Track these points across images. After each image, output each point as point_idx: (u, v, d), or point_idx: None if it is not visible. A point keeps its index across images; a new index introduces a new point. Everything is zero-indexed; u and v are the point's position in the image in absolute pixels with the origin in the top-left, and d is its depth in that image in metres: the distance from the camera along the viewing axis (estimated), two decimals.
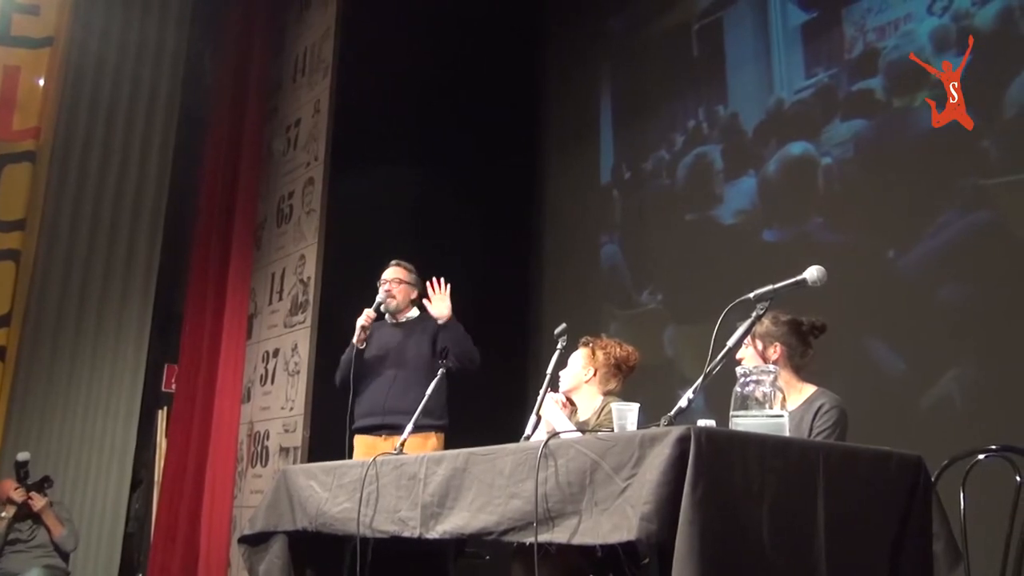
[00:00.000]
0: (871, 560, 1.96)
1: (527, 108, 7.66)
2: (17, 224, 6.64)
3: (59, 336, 6.71)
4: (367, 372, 3.97)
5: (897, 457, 2.08)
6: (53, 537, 5.56)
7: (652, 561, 1.82)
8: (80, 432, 6.64)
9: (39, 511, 5.53)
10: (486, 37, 7.11)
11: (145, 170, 7.21)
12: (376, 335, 4.01)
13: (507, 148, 7.37)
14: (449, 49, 6.88)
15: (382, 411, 3.81)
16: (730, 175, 5.43)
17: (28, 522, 5.55)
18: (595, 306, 6.70)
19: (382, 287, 4.05)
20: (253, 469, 6.62)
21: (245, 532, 3.33)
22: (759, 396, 2.18)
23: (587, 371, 3.31)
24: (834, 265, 2.41)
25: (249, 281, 7.23)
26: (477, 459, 2.31)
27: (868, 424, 3.48)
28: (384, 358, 3.96)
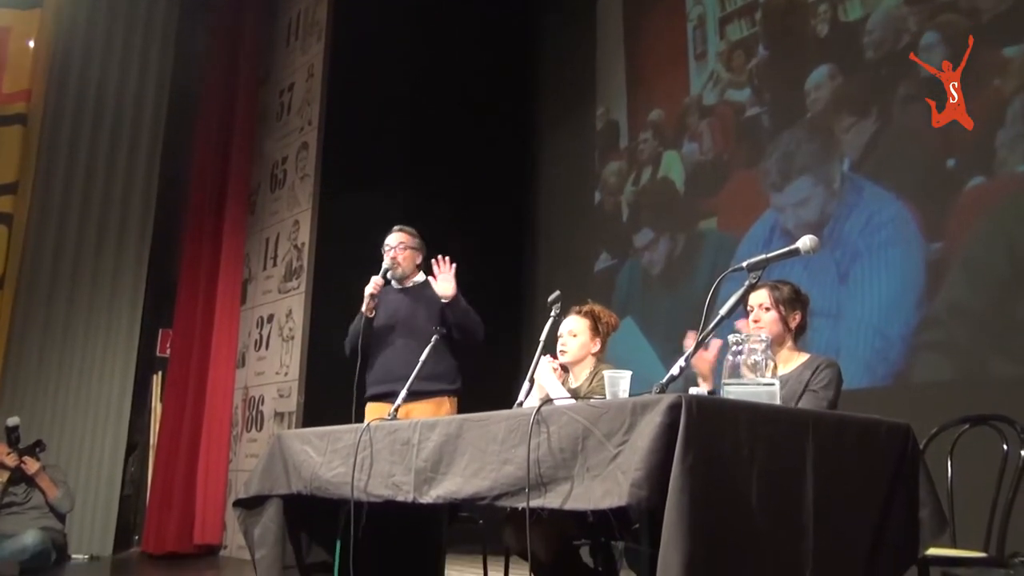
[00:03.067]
0: (859, 526, 1.99)
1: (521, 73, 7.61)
2: (9, 188, 6.59)
3: (53, 300, 6.70)
4: (376, 340, 3.93)
5: (886, 425, 2.10)
6: (48, 499, 5.61)
7: (643, 526, 1.83)
8: (75, 396, 6.65)
9: (33, 475, 5.57)
10: (480, 1, 7.05)
11: (138, 134, 7.15)
12: (383, 302, 3.95)
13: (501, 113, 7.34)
14: (443, 12, 6.81)
15: (394, 378, 3.75)
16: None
17: (23, 485, 5.59)
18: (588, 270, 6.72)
19: (387, 253, 4.00)
20: (248, 433, 6.66)
21: (240, 496, 3.35)
22: (751, 364, 2.20)
23: (595, 343, 3.32)
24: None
25: (243, 246, 7.21)
26: (470, 425, 2.32)
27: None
28: (393, 326, 3.91)
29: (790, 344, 2.85)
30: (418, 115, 6.75)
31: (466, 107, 6.95)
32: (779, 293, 2.83)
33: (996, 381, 4.10)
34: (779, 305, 2.82)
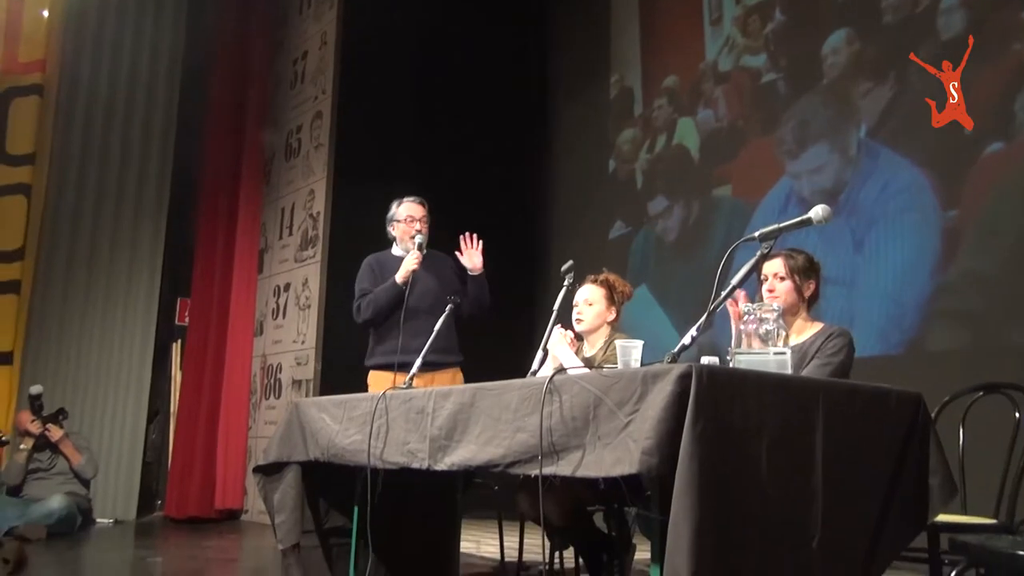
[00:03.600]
0: (868, 494, 2.01)
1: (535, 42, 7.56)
2: (27, 158, 6.64)
3: (72, 270, 6.77)
4: (410, 309, 3.86)
5: (896, 394, 2.11)
6: (72, 466, 5.73)
7: (654, 494, 1.86)
8: (96, 365, 6.75)
9: (57, 441, 5.69)
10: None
11: (152, 105, 7.17)
12: (390, 272, 3.91)
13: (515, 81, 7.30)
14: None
15: (409, 350, 3.75)
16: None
17: (47, 452, 5.72)
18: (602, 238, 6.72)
19: (411, 224, 3.94)
20: (267, 401, 6.75)
21: (259, 462, 3.42)
22: (762, 334, 2.21)
23: (610, 312, 3.34)
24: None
25: (259, 216, 7.25)
26: (484, 394, 2.35)
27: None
28: (408, 296, 3.85)
29: (804, 314, 2.85)
30: (431, 83, 6.74)
31: (479, 76, 6.92)
32: (794, 262, 2.83)
33: (1010, 349, 4.09)
34: (794, 274, 2.82)
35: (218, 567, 4.47)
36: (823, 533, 1.88)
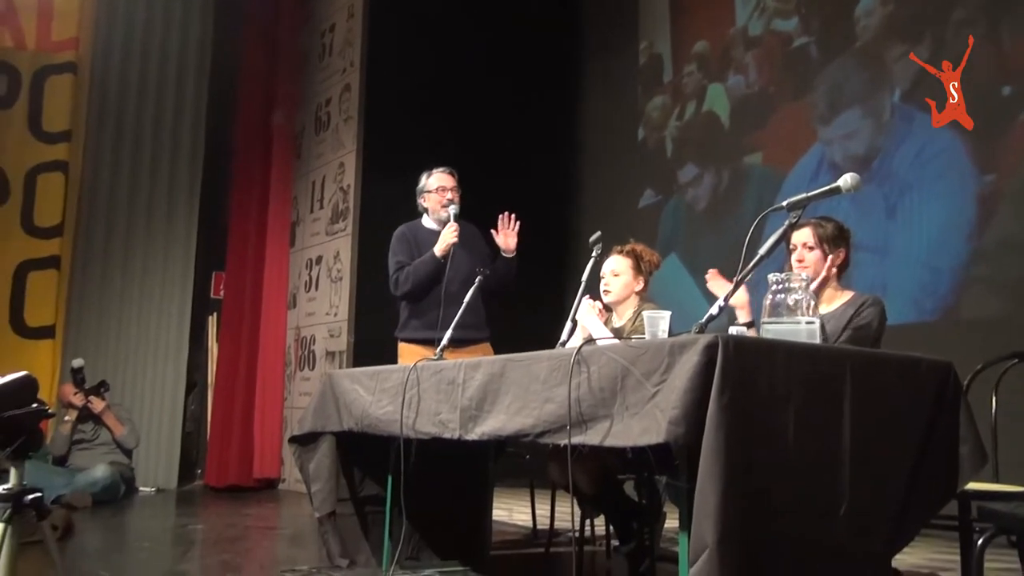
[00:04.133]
0: (896, 462, 2.01)
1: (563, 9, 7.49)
2: (63, 135, 6.75)
3: (110, 245, 6.89)
4: (449, 286, 3.83)
5: (927, 363, 2.10)
6: (115, 436, 5.89)
7: (681, 463, 1.88)
8: (135, 338, 6.89)
9: (99, 413, 5.84)
10: None
11: (183, 80, 7.23)
12: (425, 243, 3.89)
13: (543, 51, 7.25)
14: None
15: (442, 324, 3.75)
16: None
17: (90, 423, 5.87)
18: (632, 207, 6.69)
19: (443, 194, 3.91)
20: (301, 372, 6.85)
21: (295, 433, 3.49)
22: (791, 303, 2.21)
23: (638, 282, 3.34)
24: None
25: (291, 189, 7.32)
26: (513, 365, 2.38)
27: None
28: (442, 269, 3.83)
29: (834, 282, 2.83)
30: (459, 53, 6.71)
31: (507, 46, 6.88)
32: (823, 231, 2.80)
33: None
34: (823, 243, 2.79)
35: (257, 534, 4.58)
36: (851, 501, 1.88)
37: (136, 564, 3.53)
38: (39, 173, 6.67)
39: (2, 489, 1.67)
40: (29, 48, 6.80)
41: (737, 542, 1.68)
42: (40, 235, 6.61)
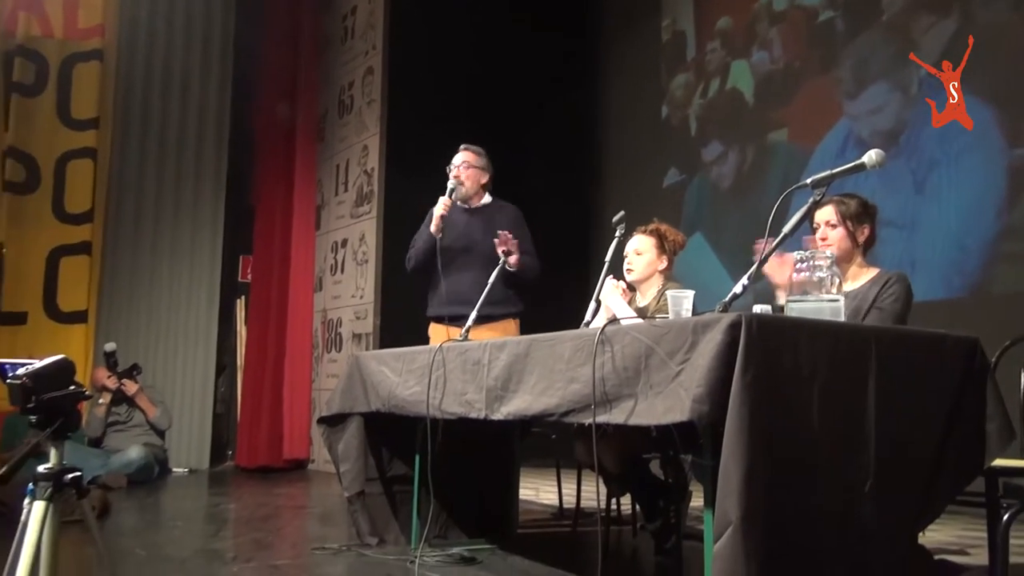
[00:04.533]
0: (922, 439, 2.01)
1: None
2: (91, 122, 6.83)
3: (139, 231, 6.99)
4: (441, 261, 3.89)
5: (952, 339, 2.09)
6: (148, 418, 6.00)
7: (705, 441, 1.89)
8: (166, 322, 7.00)
9: (132, 395, 5.94)
10: None
11: (208, 64, 7.28)
12: (449, 223, 3.90)
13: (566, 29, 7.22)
14: None
15: (459, 301, 3.77)
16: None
17: (124, 406, 5.98)
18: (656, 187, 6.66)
19: (451, 172, 3.94)
20: (328, 354, 6.92)
21: (323, 414, 3.54)
22: (815, 281, 2.20)
23: (661, 261, 3.34)
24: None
25: (315, 173, 7.36)
26: (538, 345, 2.40)
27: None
28: (458, 248, 3.88)
29: (859, 260, 2.81)
30: (481, 33, 6.69)
31: (530, 24, 6.85)
32: (846, 208, 2.78)
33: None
34: (846, 220, 2.78)
35: (288, 513, 4.65)
36: (876, 478, 1.89)
37: (170, 542, 3.61)
38: (69, 160, 6.76)
39: (43, 469, 1.72)
40: (56, 36, 6.87)
41: (761, 519, 1.69)
42: (71, 221, 6.71)
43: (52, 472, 1.71)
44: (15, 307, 6.49)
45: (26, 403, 1.70)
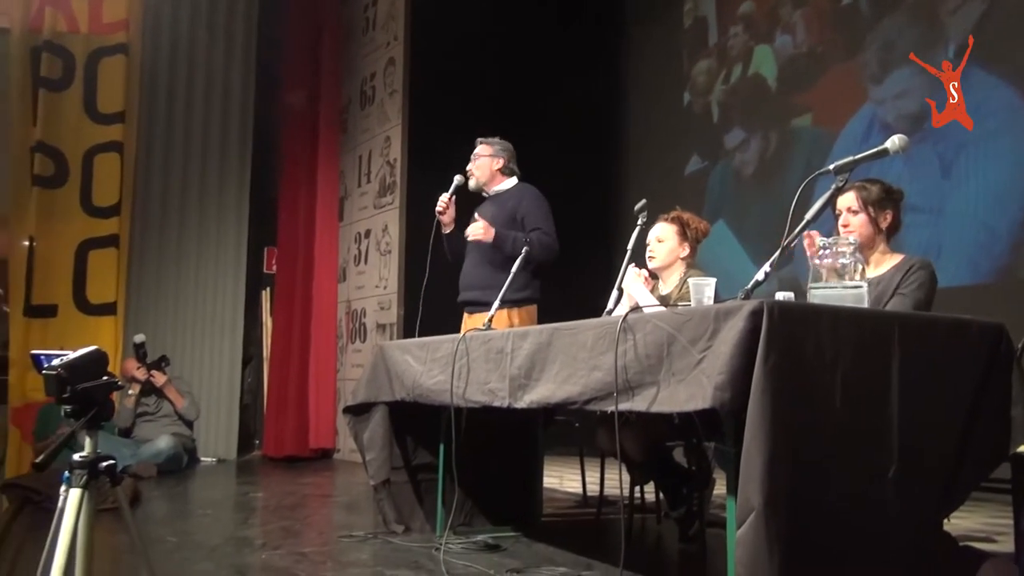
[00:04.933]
0: (947, 425, 2.00)
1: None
2: (117, 116, 6.89)
3: (165, 224, 7.07)
4: (466, 249, 4.04)
5: (977, 325, 2.08)
6: (176, 408, 6.08)
7: (728, 428, 1.90)
8: (192, 313, 7.08)
9: (161, 386, 6.03)
10: None
11: (231, 57, 7.33)
12: (481, 212, 4.01)
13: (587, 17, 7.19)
14: None
15: (473, 286, 3.91)
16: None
17: (152, 397, 6.07)
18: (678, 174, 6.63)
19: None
20: (353, 345, 6.98)
21: (348, 403, 3.58)
22: (838, 267, 2.20)
23: (683, 248, 3.34)
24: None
25: (338, 164, 7.40)
26: (560, 334, 2.41)
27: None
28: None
29: (882, 246, 2.79)
30: (503, 22, 6.68)
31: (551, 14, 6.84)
32: (867, 193, 2.76)
33: None
34: (868, 206, 2.75)
35: (315, 502, 4.71)
36: (900, 464, 1.89)
37: (200, 529, 3.67)
38: (96, 154, 6.83)
39: (78, 457, 1.76)
40: (82, 31, 6.94)
41: (783, 504, 1.70)
42: (99, 215, 6.79)
43: (87, 460, 1.75)
44: (46, 299, 6.59)
45: (61, 393, 1.74)
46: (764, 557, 1.67)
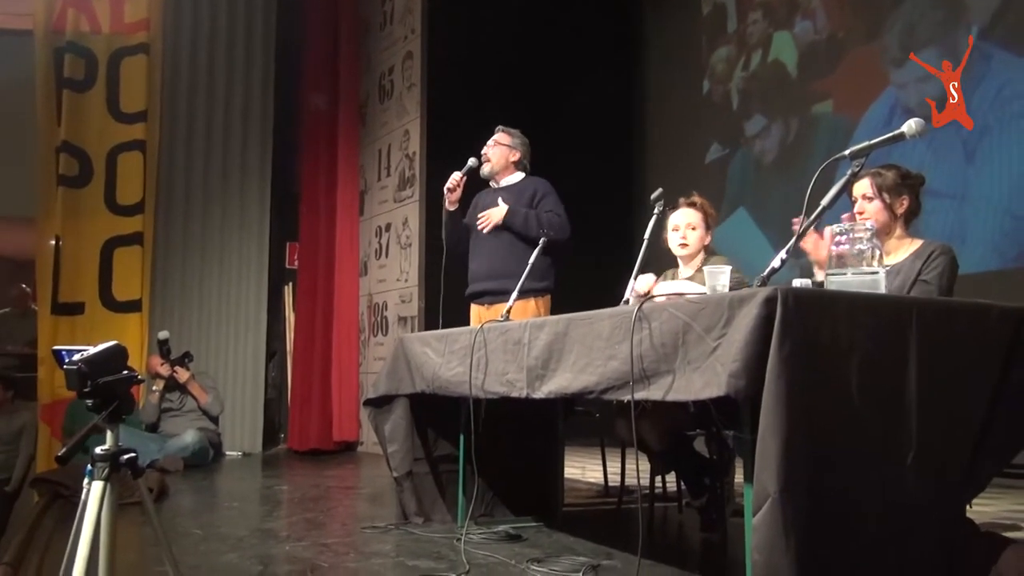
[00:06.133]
0: (967, 411, 1.98)
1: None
2: (140, 115, 6.97)
3: (188, 221, 7.14)
4: (473, 239, 4.04)
5: (998, 310, 2.05)
6: (200, 404, 6.14)
7: (745, 416, 1.89)
8: (216, 309, 7.15)
9: (184, 382, 6.09)
10: None
11: (251, 54, 7.38)
12: (483, 201, 4.03)
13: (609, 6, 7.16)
14: None
15: (485, 277, 3.92)
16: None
17: (176, 392, 6.13)
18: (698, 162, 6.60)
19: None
20: (375, 338, 7.02)
21: (369, 396, 3.60)
22: (855, 253, 2.18)
23: (707, 236, 3.34)
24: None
25: (358, 159, 7.44)
26: (577, 324, 2.42)
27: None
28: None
29: (899, 232, 2.75)
30: (520, 13, 6.67)
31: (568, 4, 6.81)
32: (882, 180, 2.72)
33: None
34: (882, 193, 2.71)
35: (338, 494, 4.75)
36: (918, 450, 1.87)
37: (226, 522, 3.71)
38: (119, 153, 6.91)
39: (100, 450, 1.79)
40: (104, 31, 7.02)
41: (799, 491, 1.69)
42: (123, 212, 6.87)
43: (109, 453, 1.78)
44: (72, 297, 6.69)
45: (82, 387, 1.76)
46: (780, 543, 1.67)
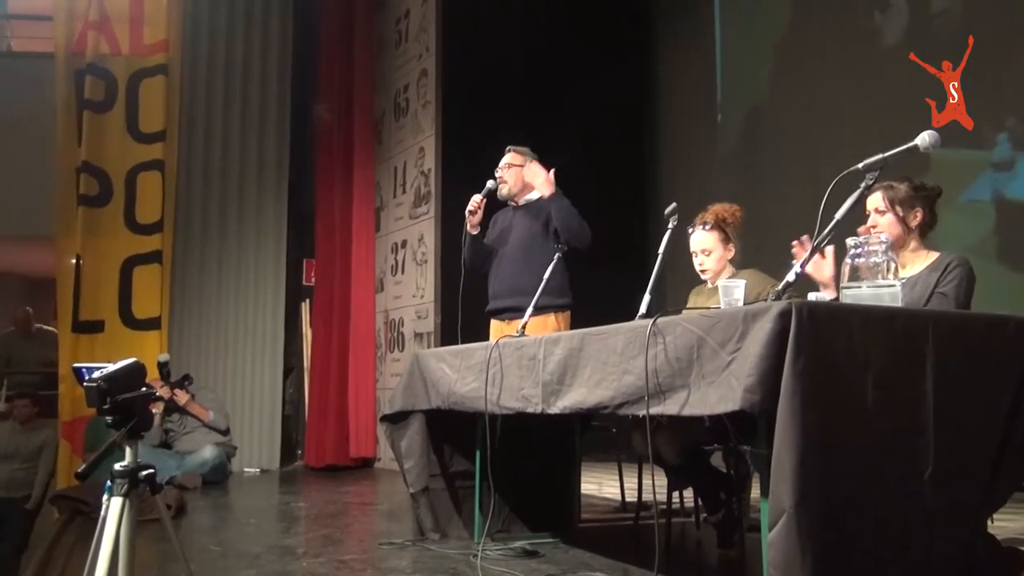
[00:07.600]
0: (985, 425, 1.96)
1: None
2: (158, 136, 7.06)
3: (206, 239, 7.21)
4: (492, 257, 4.07)
5: (1016, 321, 2.04)
6: (204, 422, 6.14)
7: (759, 430, 1.89)
8: (234, 327, 7.20)
9: (184, 404, 6.10)
10: None
11: (267, 74, 7.46)
12: (499, 220, 4.09)
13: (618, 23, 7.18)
14: None
15: (505, 294, 3.93)
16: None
17: (176, 415, 6.14)
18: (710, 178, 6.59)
19: (497, 175, 4.09)
20: (391, 354, 7.04)
21: (385, 412, 3.61)
22: (871, 266, 2.17)
23: (728, 251, 3.31)
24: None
25: (373, 176, 7.49)
26: (591, 339, 2.42)
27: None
28: (501, 242, 4.03)
29: (914, 244, 2.72)
30: (534, 31, 6.71)
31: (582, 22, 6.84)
32: (894, 193, 2.70)
33: None
34: (895, 206, 2.70)
35: (355, 510, 4.76)
36: (936, 465, 1.86)
37: (244, 538, 3.73)
38: (138, 172, 7.00)
39: (119, 466, 1.81)
40: (123, 53, 7.12)
41: (815, 505, 1.69)
42: (142, 231, 6.95)
43: (127, 469, 1.80)
44: (92, 315, 6.75)
45: (102, 404, 1.79)
46: (796, 559, 1.66)
